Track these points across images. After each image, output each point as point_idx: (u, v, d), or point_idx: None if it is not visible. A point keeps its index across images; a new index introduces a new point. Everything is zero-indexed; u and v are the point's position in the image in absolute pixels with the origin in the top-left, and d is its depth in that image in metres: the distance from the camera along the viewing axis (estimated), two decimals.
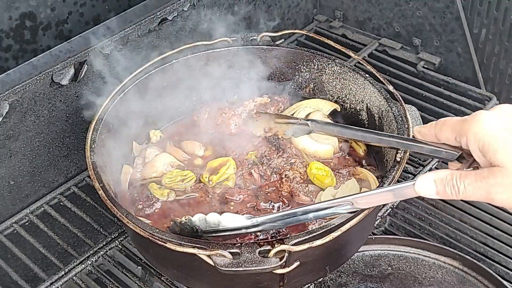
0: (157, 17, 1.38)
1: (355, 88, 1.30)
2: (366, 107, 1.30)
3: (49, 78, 1.23)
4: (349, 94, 1.32)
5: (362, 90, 1.29)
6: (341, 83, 1.33)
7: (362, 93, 1.30)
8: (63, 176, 1.36)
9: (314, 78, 1.37)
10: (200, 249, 0.93)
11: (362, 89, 1.29)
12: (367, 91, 1.28)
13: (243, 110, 1.34)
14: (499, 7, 1.58)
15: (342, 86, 1.33)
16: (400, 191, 0.89)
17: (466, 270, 1.30)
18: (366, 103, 1.29)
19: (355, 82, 1.30)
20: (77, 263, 1.20)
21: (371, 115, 1.28)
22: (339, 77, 1.33)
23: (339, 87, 1.34)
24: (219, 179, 1.21)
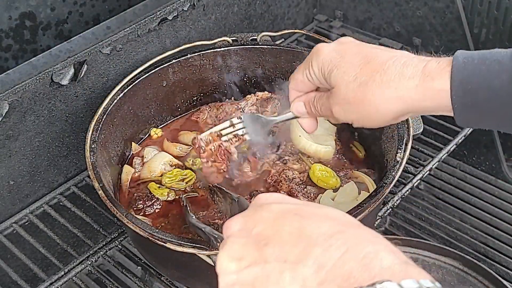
0: (157, 17, 1.38)
1: None
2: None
3: (49, 78, 1.23)
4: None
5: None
6: None
7: None
8: (63, 176, 1.36)
9: None
10: (200, 249, 0.93)
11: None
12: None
13: (245, 104, 1.34)
14: (500, 7, 1.57)
15: None
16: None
17: (466, 270, 1.30)
18: None
19: None
20: (77, 263, 1.20)
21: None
22: None
23: None
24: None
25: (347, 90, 0.89)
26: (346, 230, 0.60)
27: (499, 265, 1.50)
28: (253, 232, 0.63)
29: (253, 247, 0.62)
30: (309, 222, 0.61)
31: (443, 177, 1.67)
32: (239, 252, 0.63)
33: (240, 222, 0.66)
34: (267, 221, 0.63)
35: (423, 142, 1.50)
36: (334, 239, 0.58)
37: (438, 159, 1.40)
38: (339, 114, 0.94)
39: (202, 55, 1.36)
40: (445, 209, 1.63)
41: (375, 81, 0.87)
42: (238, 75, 1.40)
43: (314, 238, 0.59)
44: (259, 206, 0.66)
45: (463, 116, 0.84)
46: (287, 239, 0.60)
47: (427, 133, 1.51)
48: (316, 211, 0.63)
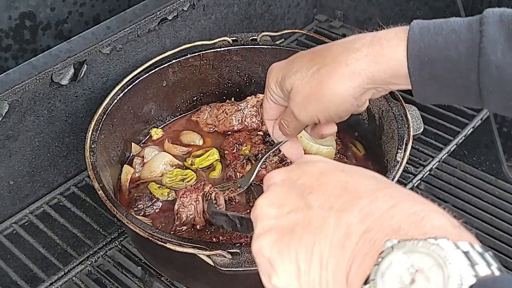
0: (157, 17, 1.38)
1: None
2: (366, 107, 1.29)
3: (48, 78, 1.23)
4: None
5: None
6: None
7: None
8: (63, 176, 1.36)
9: None
10: (200, 249, 0.93)
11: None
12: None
13: (245, 105, 1.34)
14: (500, 7, 1.57)
15: None
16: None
17: None
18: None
19: None
20: (76, 263, 1.20)
21: (371, 115, 1.28)
22: None
23: None
24: (202, 162, 1.24)
25: (302, 84, 0.88)
26: (393, 187, 0.58)
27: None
28: (297, 182, 0.61)
29: (296, 195, 0.60)
30: (355, 177, 0.59)
31: (443, 177, 1.67)
32: (281, 199, 0.61)
33: (283, 173, 0.64)
34: (312, 174, 0.61)
35: (423, 142, 1.50)
36: (381, 193, 0.56)
37: (438, 159, 1.40)
38: (303, 114, 0.91)
39: (202, 55, 1.36)
40: (445, 209, 1.63)
41: (326, 65, 0.86)
42: (238, 75, 1.40)
43: (360, 192, 0.57)
44: (305, 162, 0.64)
45: (421, 89, 0.82)
46: (332, 190, 0.58)
47: (427, 133, 1.51)
48: (363, 171, 0.62)
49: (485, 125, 1.58)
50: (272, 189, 0.63)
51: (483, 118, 1.50)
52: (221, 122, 1.34)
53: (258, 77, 1.41)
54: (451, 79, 0.79)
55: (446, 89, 0.81)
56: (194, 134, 1.34)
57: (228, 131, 1.34)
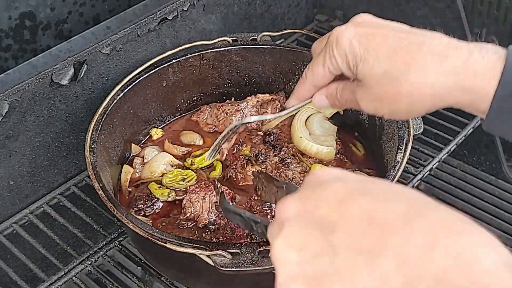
0: (157, 16, 1.38)
1: None
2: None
3: (48, 78, 1.23)
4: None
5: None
6: None
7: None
8: (63, 176, 1.36)
9: None
10: (200, 249, 0.93)
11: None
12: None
13: (245, 105, 1.34)
14: (500, 7, 1.57)
15: None
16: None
17: None
18: None
19: None
20: (76, 263, 1.20)
21: (372, 115, 1.28)
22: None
23: None
24: (202, 162, 1.24)
25: (378, 86, 0.83)
26: (427, 213, 0.50)
27: None
28: (315, 215, 0.54)
29: (317, 233, 0.53)
30: (381, 204, 0.51)
31: (443, 177, 1.67)
32: (300, 239, 0.54)
33: (297, 203, 0.56)
34: (331, 203, 0.54)
35: (424, 142, 1.50)
36: (415, 225, 0.48)
37: (438, 159, 1.40)
38: (369, 109, 0.87)
39: (202, 55, 1.36)
40: None
41: (408, 76, 0.80)
42: (238, 75, 1.40)
43: (390, 223, 0.49)
44: (318, 184, 0.57)
45: (495, 120, 0.78)
46: (358, 225, 0.51)
47: (428, 133, 1.50)
48: (386, 189, 0.54)
49: None
50: (288, 226, 0.55)
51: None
52: (221, 122, 1.34)
53: (258, 77, 1.41)
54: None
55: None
56: (194, 134, 1.34)
57: None
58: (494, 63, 0.77)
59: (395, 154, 1.10)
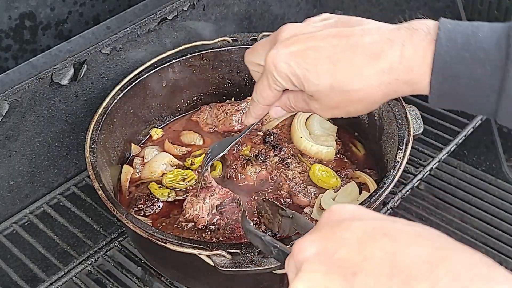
0: (157, 16, 1.38)
1: None
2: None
3: (48, 78, 1.23)
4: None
5: None
6: None
7: None
8: (63, 176, 1.36)
9: None
10: (200, 250, 0.93)
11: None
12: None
13: (246, 106, 1.34)
14: (500, 7, 1.57)
15: None
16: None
17: None
18: None
19: None
20: (76, 263, 1.20)
21: (372, 115, 1.28)
22: None
23: None
24: (201, 162, 1.23)
25: (328, 99, 0.85)
26: (450, 256, 0.49)
27: (499, 265, 1.50)
28: (335, 257, 0.53)
29: (339, 278, 0.52)
30: (403, 246, 0.51)
31: (443, 177, 1.67)
32: (321, 283, 0.52)
33: (316, 243, 0.55)
34: (351, 244, 0.53)
35: (423, 142, 1.50)
36: (441, 271, 0.48)
37: (438, 159, 1.40)
38: (326, 116, 0.90)
39: (202, 55, 1.36)
40: (446, 209, 1.63)
41: (352, 85, 0.82)
42: (238, 75, 1.40)
43: (414, 268, 0.49)
44: (336, 223, 0.56)
45: (438, 101, 0.81)
46: (380, 269, 0.50)
47: (428, 133, 1.51)
48: (407, 229, 0.53)
49: (485, 125, 1.58)
50: (307, 269, 0.54)
51: (483, 118, 1.50)
52: (221, 122, 1.34)
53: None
54: (471, 95, 0.78)
55: (463, 103, 0.80)
56: (194, 134, 1.34)
57: (228, 131, 1.34)
58: (425, 51, 0.78)
59: (395, 154, 1.10)
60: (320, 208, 1.15)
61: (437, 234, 0.53)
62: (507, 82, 0.74)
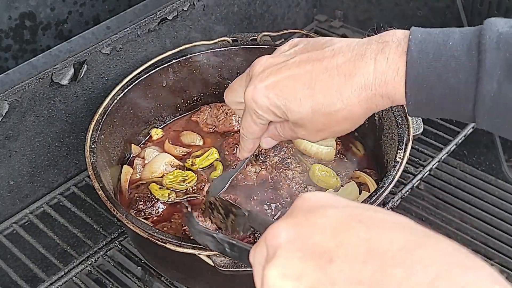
0: (157, 17, 1.38)
1: None
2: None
3: (48, 78, 1.23)
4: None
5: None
6: None
7: None
8: (63, 176, 1.36)
9: None
10: (200, 250, 0.93)
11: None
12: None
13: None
14: (500, 7, 1.57)
15: None
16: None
17: None
18: None
19: None
20: (76, 263, 1.20)
21: (372, 115, 1.27)
22: None
23: None
24: (202, 162, 1.24)
25: (312, 124, 0.85)
26: (425, 243, 0.49)
27: (499, 265, 1.50)
28: (309, 243, 0.52)
29: (313, 263, 0.50)
30: (378, 232, 0.50)
31: (443, 177, 1.67)
32: (296, 269, 0.51)
33: (291, 229, 0.54)
34: (326, 230, 0.52)
35: (423, 142, 1.50)
36: (416, 257, 0.47)
37: (438, 159, 1.40)
38: (315, 140, 0.91)
39: (202, 55, 1.36)
40: (445, 210, 1.63)
41: (334, 106, 0.82)
42: (238, 75, 1.40)
43: (389, 254, 0.48)
44: (310, 210, 0.55)
45: (416, 111, 0.81)
46: (355, 255, 0.49)
47: (427, 133, 1.51)
48: (382, 217, 0.53)
49: None
50: (281, 255, 0.52)
51: None
52: (221, 122, 1.34)
53: None
54: (448, 104, 0.78)
55: (441, 112, 0.81)
56: (194, 134, 1.34)
57: (228, 132, 1.34)
58: (397, 63, 0.77)
59: (395, 154, 1.10)
60: None
61: (413, 223, 0.53)
62: (481, 90, 0.73)
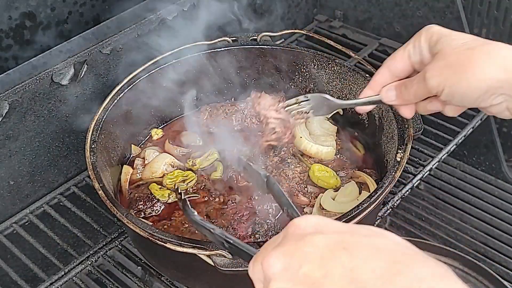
0: (157, 17, 1.38)
1: (355, 88, 1.30)
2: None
3: (49, 78, 1.23)
4: (349, 94, 1.32)
5: (362, 90, 1.29)
6: (341, 83, 1.33)
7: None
8: (63, 176, 1.36)
9: (314, 78, 1.37)
10: (200, 249, 0.93)
11: (362, 89, 1.28)
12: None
13: (245, 105, 1.34)
14: (500, 7, 1.57)
15: (342, 86, 1.33)
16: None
17: (466, 270, 1.30)
18: None
19: (355, 82, 1.30)
20: (77, 263, 1.20)
21: (371, 115, 1.28)
22: (339, 77, 1.33)
23: (339, 87, 1.34)
24: (202, 162, 1.24)
25: (452, 52, 0.89)
26: (402, 270, 0.54)
27: (499, 265, 1.50)
28: (299, 273, 0.57)
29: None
30: (360, 261, 0.56)
31: (443, 177, 1.67)
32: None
33: (282, 259, 0.60)
34: (314, 260, 0.57)
35: (423, 142, 1.50)
36: (393, 285, 0.53)
37: (438, 159, 1.40)
38: (434, 79, 0.91)
39: (202, 55, 1.36)
40: (445, 209, 1.63)
41: (483, 49, 0.87)
42: (238, 75, 1.40)
43: (370, 283, 0.54)
44: (300, 237, 0.60)
45: None
46: (340, 284, 0.55)
47: (427, 133, 1.51)
48: (365, 242, 0.58)
49: (485, 125, 1.58)
50: (274, 286, 0.59)
51: (482, 118, 1.50)
52: (221, 122, 1.34)
53: (258, 77, 1.41)
54: None
55: None
56: (194, 134, 1.34)
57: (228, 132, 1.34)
58: None
59: (395, 154, 1.10)
60: (320, 208, 1.15)
61: (395, 243, 0.58)
62: None
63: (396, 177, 1.05)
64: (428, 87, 0.91)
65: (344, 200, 1.17)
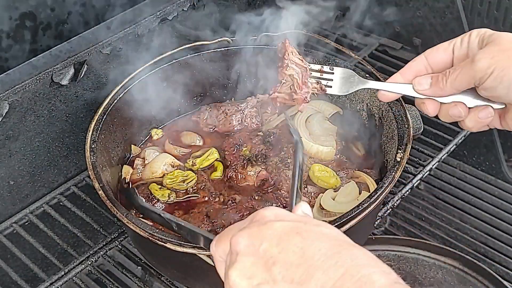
0: (157, 17, 1.38)
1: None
2: (367, 107, 1.29)
3: (49, 78, 1.23)
4: (349, 94, 1.32)
5: (362, 90, 1.29)
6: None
7: (362, 93, 1.29)
8: (63, 176, 1.36)
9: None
10: (200, 249, 0.93)
11: (362, 89, 1.28)
12: (367, 91, 1.28)
13: (245, 106, 1.34)
14: (499, 7, 1.57)
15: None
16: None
17: (466, 270, 1.30)
18: (366, 103, 1.29)
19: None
20: (77, 263, 1.20)
21: (372, 115, 1.28)
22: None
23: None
24: (202, 162, 1.25)
25: (507, 41, 0.90)
26: (342, 251, 0.67)
27: (499, 265, 1.50)
28: (260, 249, 0.69)
29: (262, 266, 0.68)
30: (309, 243, 0.68)
31: (443, 177, 1.67)
32: (249, 271, 0.69)
33: (247, 238, 0.71)
34: (272, 239, 0.69)
35: (423, 142, 1.50)
36: (332, 261, 0.65)
37: (438, 159, 1.40)
38: (483, 61, 0.90)
39: (202, 55, 1.36)
40: (445, 209, 1.63)
41: None
42: (238, 75, 1.40)
43: (315, 259, 0.66)
44: (263, 223, 0.72)
45: None
46: (292, 260, 0.67)
47: (427, 133, 1.51)
48: (315, 229, 0.70)
49: None
50: (239, 260, 0.70)
51: None
52: (221, 123, 1.34)
53: (258, 77, 1.40)
54: None
55: None
56: (194, 134, 1.34)
57: (228, 132, 1.34)
58: None
59: (395, 154, 1.10)
60: (320, 208, 1.15)
61: (338, 233, 0.71)
62: None
63: (396, 177, 1.05)
64: (475, 69, 0.91)
65: (344, 200, 1.17)
